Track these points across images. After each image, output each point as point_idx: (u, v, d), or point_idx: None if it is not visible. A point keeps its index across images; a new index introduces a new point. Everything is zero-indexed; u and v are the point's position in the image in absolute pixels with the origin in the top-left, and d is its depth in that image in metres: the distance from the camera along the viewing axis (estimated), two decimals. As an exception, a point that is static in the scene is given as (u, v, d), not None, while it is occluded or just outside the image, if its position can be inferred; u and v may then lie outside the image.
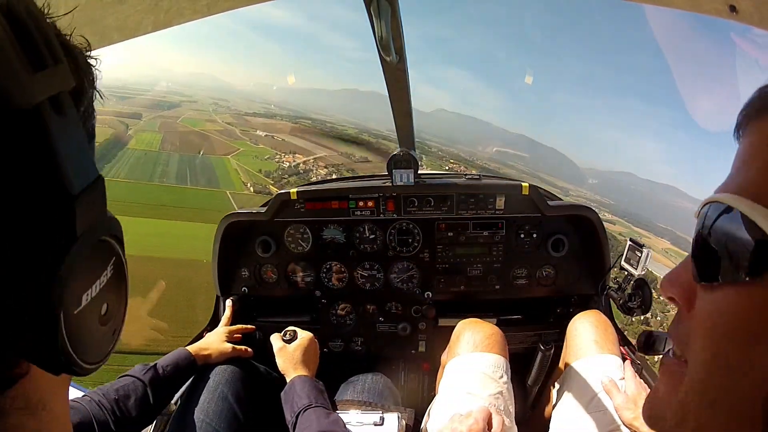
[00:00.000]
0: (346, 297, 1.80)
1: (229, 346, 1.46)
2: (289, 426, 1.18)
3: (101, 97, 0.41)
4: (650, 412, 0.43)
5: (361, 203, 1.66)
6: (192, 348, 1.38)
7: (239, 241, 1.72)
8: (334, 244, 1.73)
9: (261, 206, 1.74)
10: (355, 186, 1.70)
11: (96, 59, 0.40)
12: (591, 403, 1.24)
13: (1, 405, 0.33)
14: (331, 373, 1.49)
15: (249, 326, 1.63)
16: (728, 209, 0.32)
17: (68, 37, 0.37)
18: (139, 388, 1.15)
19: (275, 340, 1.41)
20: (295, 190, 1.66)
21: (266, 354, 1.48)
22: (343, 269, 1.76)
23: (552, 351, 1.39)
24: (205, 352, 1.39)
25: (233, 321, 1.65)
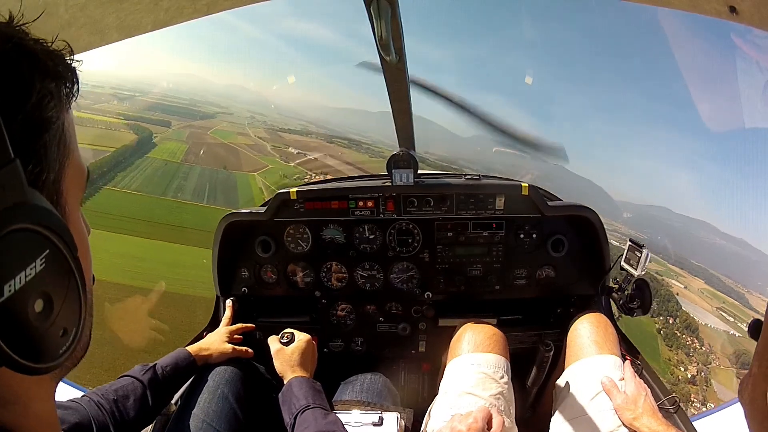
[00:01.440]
0: (346, 297, 1.80)
1: (230, 346, 1.46)
2: (288, 427, 1.18)
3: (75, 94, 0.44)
4: (742, 378, 0.52)
5: (360, 203, 1.66)
6: (192, 348, 1.38)
7: (239, 241, 1.72)
8: (333, 244, 1.73)
9: (261, 206, 1.73)
10: (355, 186, 1.69)
11: (72, 59, 0.44)
12: (591, 403, 1.24)
13: None
14: (330, 373, 1.49)
15: (249, 325, 1.63)
16: None
17: (40, 41, 0.41)
18: (138, 388, 1.15)
19: (272, 342, 1.41)
20: (294, 189, 1.65)
21: (266, 354, 1.48)
22: (342, 269, 1.76)
23: (552, 351, 1.39)
24: (205, 353, 1.39)
25: (233, 321, 1.65)
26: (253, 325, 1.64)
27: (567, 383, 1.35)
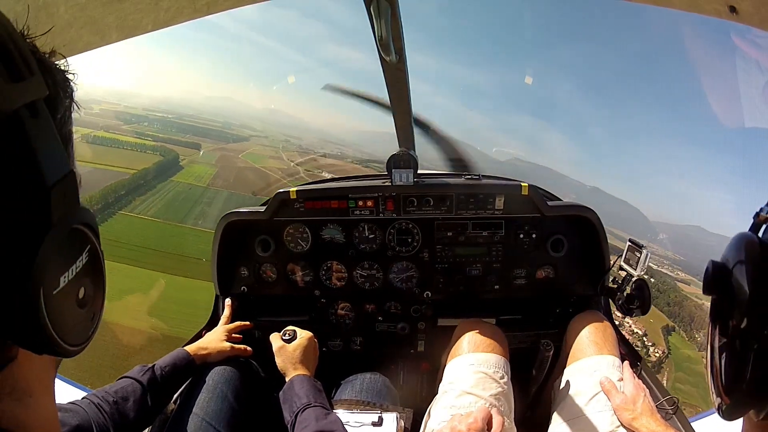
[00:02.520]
0: (346, 296, 1.80)
1: (228, 345, 1.46)
2: (288, 425, 1.18)
3: (78, 107, 0.47)
4: None
5: (360, 203, 1.66)
6: (190, 348, 1.38)
7: (239, 240, 1.72)
8: (333, 244, 1.73)
9: (260, 205, 1.74)
10: (355, 186, 1.69)
11: (73, 74, 0.46)
12: (590, 403, 1.24)
13: None
14: (330, 373, 1.49)
15: (246, 323, 1.63)
16: None
17: (46, 55, 0.43)
18: (137, 390, 1.15)
19: (275, 339, 1.41)
20: (294, 189, 1.66)
21: (265, 353, 1.48)
22: (342, 269, 1.76)
23: (552, 351, 1.39)
24: (204, 352, 1.39)
25: (232, 320, 1.65)
26: (250, 323, 1.65)
27: (566, 383, 1.35)
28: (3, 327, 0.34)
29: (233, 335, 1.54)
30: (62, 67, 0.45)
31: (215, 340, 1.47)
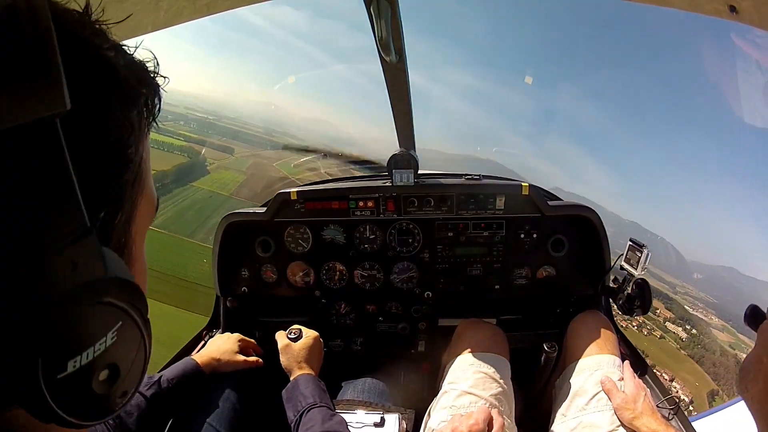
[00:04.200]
0: (346, 297, 1.80)
1: (241, 358, 1.39)
2: (291, 425, 1.17)
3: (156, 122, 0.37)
4: (740, 371, 0.47)
5: (361, 203, 1.66)
6: (200, 358, 1.31)
7: (239, 241, 1.72)
8: (334, 244, 1.73)
9: (261, 206, 1.73)
10: (355, 186, 1.69)
11: (158, 74, 0.35)
12: (590, 402, 1.24)
13: (6, 422, 0.32)
14: (331, 373, 1.49)
15: (257, 350, 1.52)
16: None
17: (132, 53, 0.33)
18: (141, 404, 1.10)
19: (280, 337, 1.39)
20: (295, 190, 1.65)
21: (266, 354, 1.48)
22: (343, 269, 1.76)
23: (556, 352, 1.40)
24: (215, 364, 1.33)
25: (233, 321, 1.64)
26: (261, 354, 1.54)
27: (567, 383, 1.35)
28: (7, 389, 0.29)
29: (244, 345, 1.46)
30: (141, 65, 0.36)
31: (228, 351, 1.38)
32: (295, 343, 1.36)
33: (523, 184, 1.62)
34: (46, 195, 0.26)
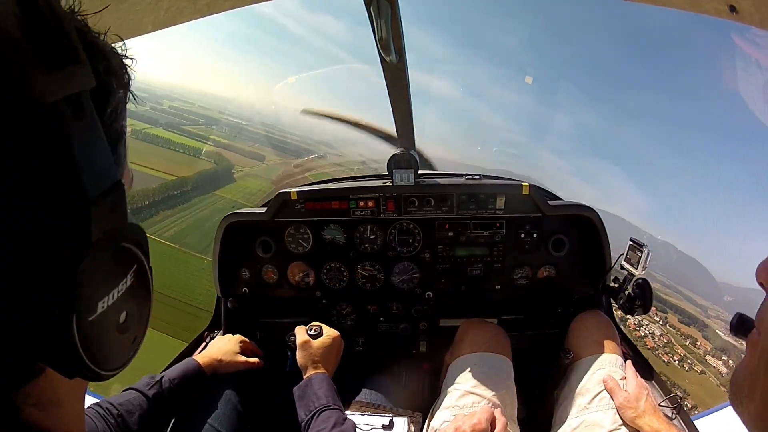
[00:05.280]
0: (347, 297, 1.79)
1: (243, 359, 1.39)
2: (302, 423, 1.15)
3: (134, 99, 0.41)
4: (731, 384, 0.45)
5: (361, 203, 1.66)
6: (202, 359, 1.31)
7: (240, 241, 1.72)
8: (334, 245, 1.72)
9: (261, 206, 1.73)
10: (356, 186, 1.69)
11: (131, 59, 0.40)
12: (593, 401, 1.24)
13: (14, 400, 0.34)
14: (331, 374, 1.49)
15: (258, 351, 1.51)
16: None
17: (101, 36, 0.37)
18: (143, 404, 1.10)
19: (300, 332, 1.37)
20: (295, 190, 1.65)
21: (267, 355, 1.48)
22: (343, 269, 1.76)
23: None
24: (216, 364, 1.33)
25: (234, 321, 1.64)
26: (261, 362, 1.51)
27: (569, 382, 1.35)
28: (33, 347, 0.31)
29: (245, 347, 1.46)
30: (119, 51, 0.39)
31: (229, 352, 1.38)
32: (314, 341, 1.34)
33: (523, 183, 1.62)
34: (86, 152, 0.30)
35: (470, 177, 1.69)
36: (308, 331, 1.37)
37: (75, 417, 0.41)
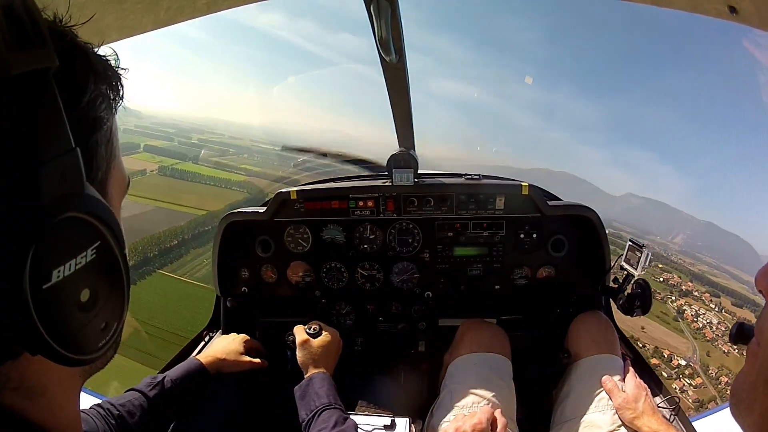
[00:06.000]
0: (346, 297, 1.79)
1: (246, 359, 1.38)
2: (303, 423, 1.14)
3: (119, 101, 0.46)
4: (731, 394, 0.44)
5: (361, 203, 1.66)
6: (205, 359, 1.29)
7: (239, 241, 1.72)
8: (334, 244, 1.72)
9: (261, 206, 1.73)
10: (355, 186, 1.69)
11: (115, 65, 0.45)
12: (592, 402, 1.24)
13: None
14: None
15: (261, 351, 1.52)
16: None
17: (96, 46, 0.44)
18: (144, 404, 1.09)
19: (299, 332, 1.37)
20: (295, 189, 1.65)
21: (268, 354, 1.48)
22: (343, 269, 1.76)
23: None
24: (219, 364, 1.32)
25: (233, 321, 1.64)
26: (266, 362, 1.51)
27: (567, 382, 1.35)
28: None
29: (249, 345, 1.45)
30: (105, 58, 0.45)
31: (233, 352, 1.38)
32: (314, 340, 1.34)
33: (522, 183, 1.62)
34: (41, 122, 0.33)
35: (470, 177, 1.68)
36: (307, 330, 1.37)
37: (65, 410, 0.41)
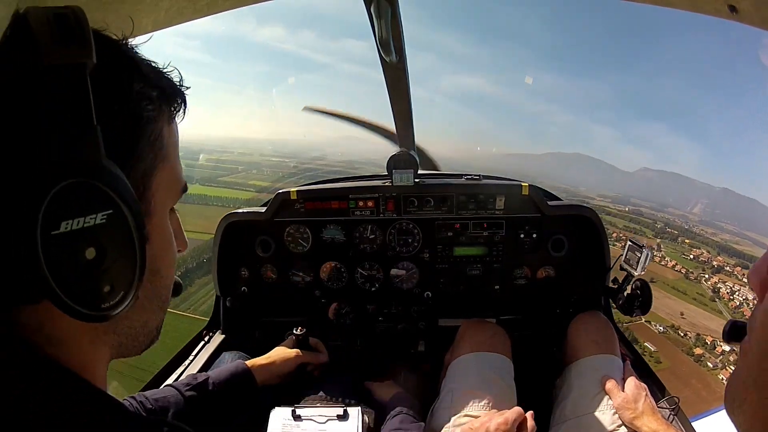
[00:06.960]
0: (346, 297, 1.80)
1: (295, 372, 1.34)
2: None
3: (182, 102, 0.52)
4: (726, 391, 0.44)
5: (361, 203, 1.66)
6: (255, 367, 1.23)
7: (239, 240, 1.72)
8: (334, 244, 1.73)
9: (261, 206, 1.73)
10: (355, 186, 1.69)
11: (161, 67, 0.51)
12: (591, 402, 1.24)
13: (14, 318, 0.41)
14: (330, 373, 1.48)
15: (321, 355, 1.48)
16: None
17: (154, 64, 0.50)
18: (179, 403, 1.02)
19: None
20: (295, 189, 1.65)
21: (265, 353, 1.48)
22: (342, 269, 1.76)
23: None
24: (267, 375, 1.26)
25: (233, 321, 1.64)
26: (326, 358, 1.50)
27: (567, 383, 1.35)
28: (7, 252, 0.38)
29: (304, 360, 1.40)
30: (166, 73, 0.51)
31: (288, 365, 1.32)
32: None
33: (522, 184, 1.62)
34: (69, 101, 0.38)
35: (470, 177, 1.69)
36: (295, 332, 1.41)
37: (87, 360, 0.45)
